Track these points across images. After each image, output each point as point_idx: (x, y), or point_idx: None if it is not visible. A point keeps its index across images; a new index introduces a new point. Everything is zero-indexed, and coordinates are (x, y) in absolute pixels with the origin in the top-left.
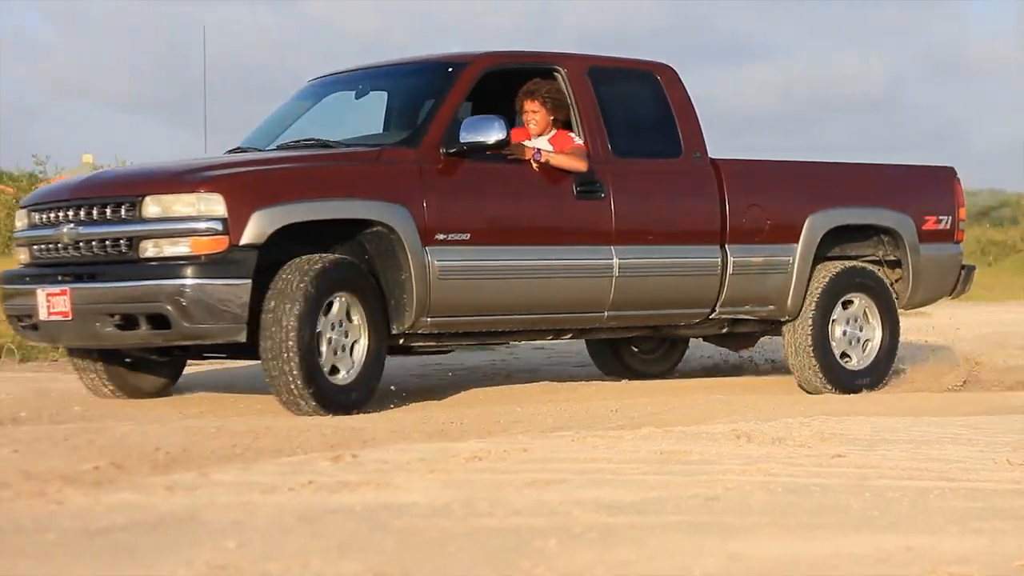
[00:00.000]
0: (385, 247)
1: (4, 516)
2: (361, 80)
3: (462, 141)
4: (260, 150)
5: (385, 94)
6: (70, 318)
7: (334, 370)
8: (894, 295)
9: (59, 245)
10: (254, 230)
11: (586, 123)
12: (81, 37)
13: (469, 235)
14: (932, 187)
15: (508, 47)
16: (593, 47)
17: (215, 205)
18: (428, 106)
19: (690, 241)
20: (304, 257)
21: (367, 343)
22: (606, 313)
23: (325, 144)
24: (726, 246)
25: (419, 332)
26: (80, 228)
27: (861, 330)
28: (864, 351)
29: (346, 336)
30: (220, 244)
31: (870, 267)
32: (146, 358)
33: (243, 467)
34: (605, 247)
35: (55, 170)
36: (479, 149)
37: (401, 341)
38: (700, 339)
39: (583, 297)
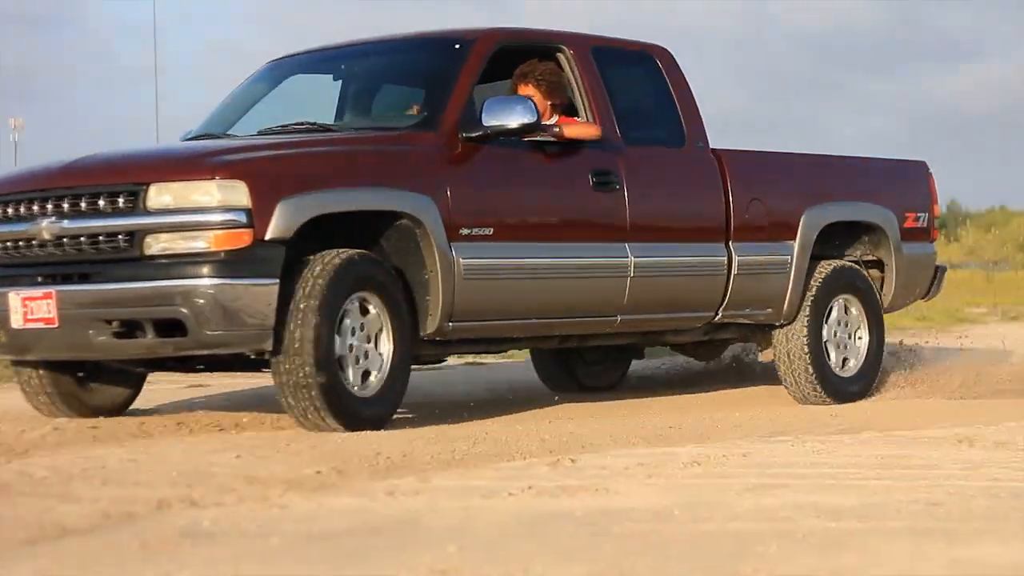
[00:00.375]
0: (407, 243)
1: (228, 520)
2: (336, 60)
3: (485, 124)
4: (229, 136)
5: (369, 75)
6: (55, 325)
7: (355, 380)
8: (879, 296)
9: (35, 242)
10: (281, 223)
11: (595, 107)
12: (293, 43)
13: (492, 230)
14: (910, 182)
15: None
16: (809, 48)
17: (237, 194)
18: (436, 87)
19: (698, 238)
20: (324, 252)
21: (393, 349)
22: (619, 318)
23: (326, 128)
24: (730, 244)
25: (439, 339)
26: (64, 222)
27: (849, 334)
28: (853, 356)
29: (368, 342)
30: (243, 239)
31: (857, 267)
32: (126, 370)
33: (463, 472)
34: (620, 244)
35: None
36: (501, 134)
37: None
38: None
39: (600, 300)
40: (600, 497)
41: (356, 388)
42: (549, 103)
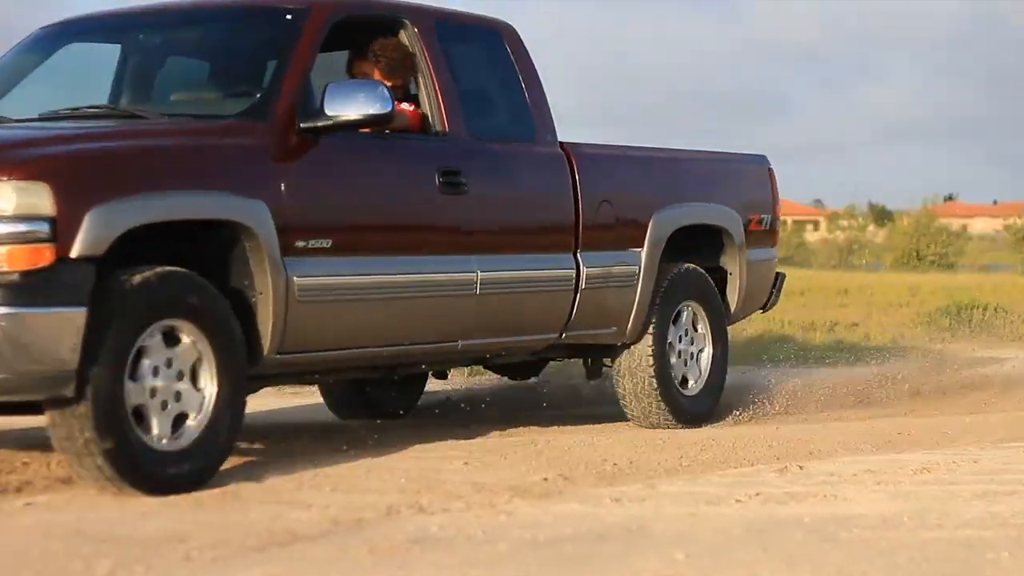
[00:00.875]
0: (233, 258)
1: (455, 526)
2: (127, 29)
3: (329, 114)
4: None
5: (170, 49)
6: None
7: (161, 431)
8: (723, 304)
9: None
10: (91, 236)
11: (440, 93)
12: None
13: (330, 242)
14: (752, 180)
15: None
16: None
17: (38, 199)
18: (265, 67)
19: (546, 249)
20: (118, 272)
21: (217, 390)
22: (460, 343)
23: (132, 115)
24: (578, 254)
25: (263, 374)
26: None
27: (692, 345)
28: (697, 372)
29: (180, 380)
30: (44, 256)
31: (700, 269)
32: None
33: (689, 479)
34: (466, 257)
35: None
36: (347, 126)
37: None
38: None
39: (444, 323)
40: (828, 504)
41: (164, 441)
42: (388, 84)
